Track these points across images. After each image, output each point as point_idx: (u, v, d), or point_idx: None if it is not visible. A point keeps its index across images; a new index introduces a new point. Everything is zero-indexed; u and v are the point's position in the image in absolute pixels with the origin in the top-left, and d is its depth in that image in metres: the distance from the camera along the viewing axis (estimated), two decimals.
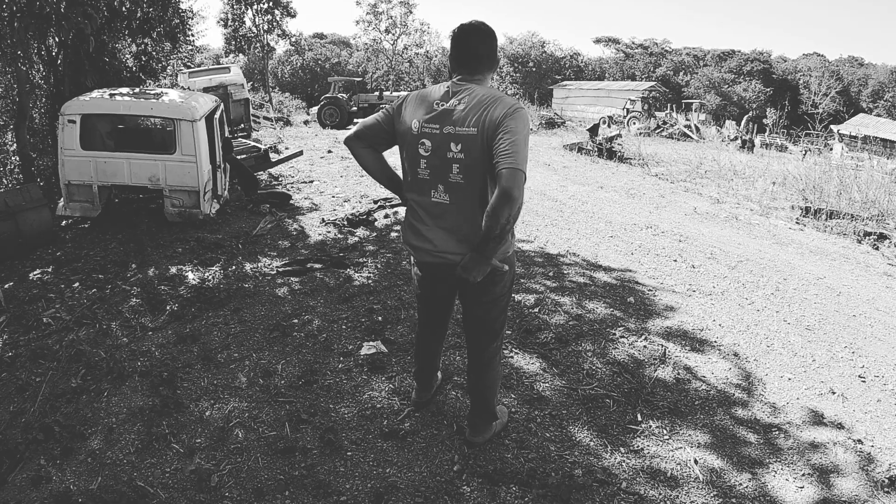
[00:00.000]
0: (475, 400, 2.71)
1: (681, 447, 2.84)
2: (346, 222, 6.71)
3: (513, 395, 3.21)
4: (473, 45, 2.27)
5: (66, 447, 2.82)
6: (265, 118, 21.50)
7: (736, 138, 19.95)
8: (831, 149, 17.63)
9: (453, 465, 2.65)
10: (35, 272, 5.38)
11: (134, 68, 9.22)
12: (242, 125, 15.38)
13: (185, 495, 2.50)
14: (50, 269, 5.42)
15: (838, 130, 18.72)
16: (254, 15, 34.38)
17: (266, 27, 34.64)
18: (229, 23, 34.26)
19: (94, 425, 2.99)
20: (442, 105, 2.24)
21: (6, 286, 5.05)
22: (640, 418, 3.04)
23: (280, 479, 2.57)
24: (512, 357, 3.63)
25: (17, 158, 7.99)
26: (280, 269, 5.15)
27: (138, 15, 7.98)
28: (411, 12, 43.70)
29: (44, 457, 2.76)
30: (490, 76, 2.36)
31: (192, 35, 11.39)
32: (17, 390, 3.36)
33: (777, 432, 2.99)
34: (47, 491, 2.55)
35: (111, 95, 6.39)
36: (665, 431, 2.95)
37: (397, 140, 2.41)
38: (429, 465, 2.65)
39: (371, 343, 3.76)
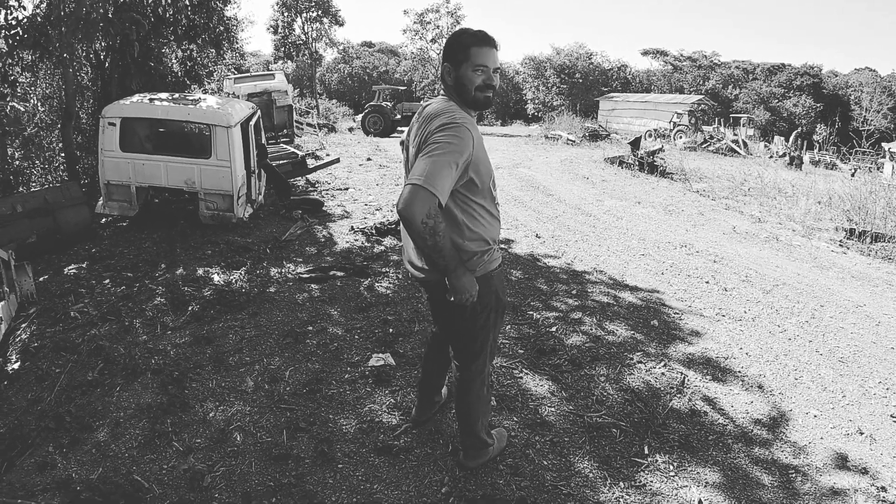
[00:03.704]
0: (458, 422, 2.64)
1: (687, 485, 2.68)
2: (374, 231, 6.74)
3: (515, 419, 3.11)
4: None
5: (75, 437, 2.91)
6: (308, 124, 21.94)
7: (784, 154, 19.16)
8: (880, 168, 16.65)
9: (442, 486, 2.58)
10: (70, 267, 5.59)
11: (179, 73, 9.54)
12: (286, 130, 15.71)
13: (177, 493, 2.53)
14: (84, 265, 5.62)
15: (889, 148, 17.69)
16: (303, 23, 35.28)
17: (315, 35, 35.47)
18: (279, 30, 35.21)
19: (103, 418, 3.07)
20: (415, 119, 2.25)
21: (41, 279, 5.26)
22: (647, 451, 2.89)
23: (269, 486, 2.57)
24: (521, 378, 3.53)
25: (64, 156, 8.36)
26: (302, 276, 5.20)
27: (183, 22, 8.26)
28: (458, 23, 43.90)
29: (52, 444, 2.85)
30: (458, 83, 2.11)
31: (238, 42, 11.72)
32: (37, 379, 3.49)
33: (795, 475, 2.79)
34: (50, 477, 2.63)
35: (150, 100, 6.62)
36: (672, 467, 2.79)
37: None
38: (417, 485, 2.59)
39: (380, 355, 3.73)
